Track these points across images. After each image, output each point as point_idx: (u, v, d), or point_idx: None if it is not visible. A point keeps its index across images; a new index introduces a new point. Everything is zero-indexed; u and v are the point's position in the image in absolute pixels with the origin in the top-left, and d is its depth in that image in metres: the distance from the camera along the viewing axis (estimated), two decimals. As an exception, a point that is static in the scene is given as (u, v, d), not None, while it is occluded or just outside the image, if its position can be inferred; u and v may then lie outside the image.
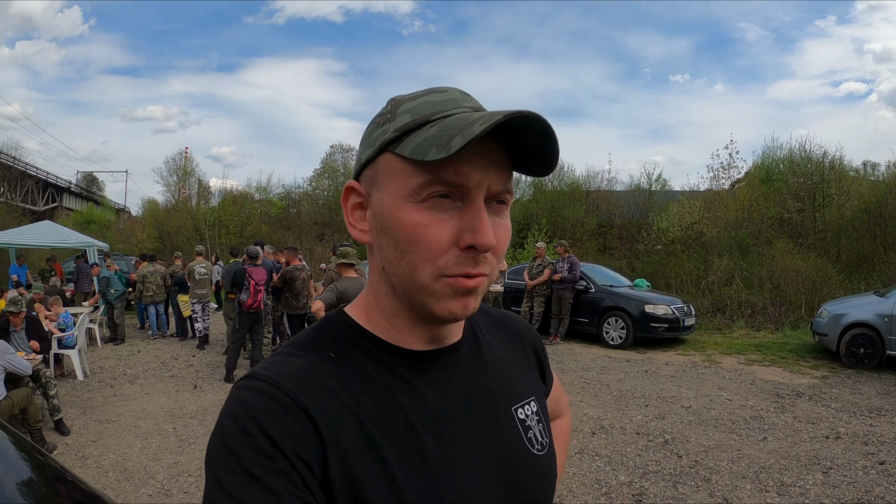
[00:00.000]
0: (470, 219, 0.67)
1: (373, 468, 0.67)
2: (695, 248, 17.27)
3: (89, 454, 5.44)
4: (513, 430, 0.81)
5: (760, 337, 11.81)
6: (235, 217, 27.93)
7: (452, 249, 0.68)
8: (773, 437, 5.81)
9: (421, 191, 0.67)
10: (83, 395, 7.49)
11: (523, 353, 0.95)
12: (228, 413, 0.66)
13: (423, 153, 0.65)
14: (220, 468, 0.62)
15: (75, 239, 13.79)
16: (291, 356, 0.73)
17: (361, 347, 0.76)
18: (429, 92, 0.73)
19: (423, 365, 0.77)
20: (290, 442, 0.63)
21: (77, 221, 30.32)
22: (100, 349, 10.67)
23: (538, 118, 0.64)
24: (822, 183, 17.61)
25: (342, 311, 0.81)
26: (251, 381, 0.69)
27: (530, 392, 0.89)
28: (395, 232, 0.69)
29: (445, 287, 0.69)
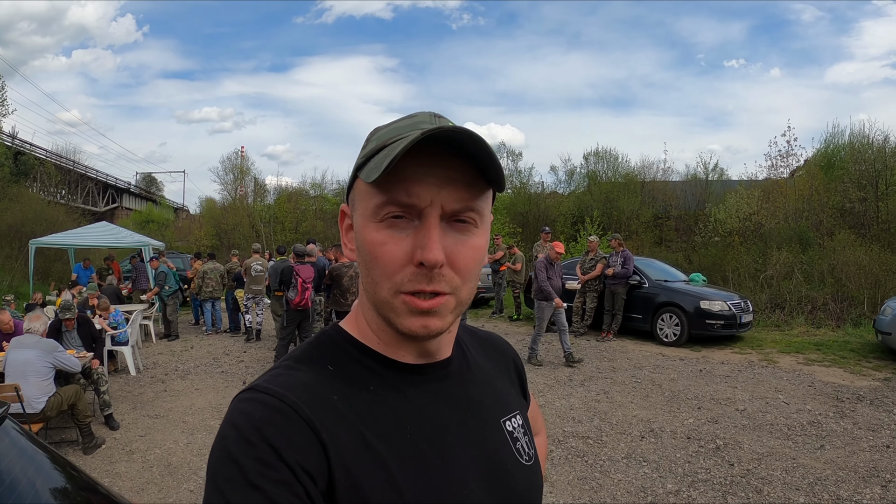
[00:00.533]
0: (421, 236, 0.69)
1: (377, 477, 0.69)
2: (753, 241, 16.67)
3: (136, 449, 5.58)
4: (502, 442, 0.85)
5: (821, 335, 11.28)
6: (291, 214, 28.42)
7: (408, 266, 0.70)
8: (830, 445, 5.51)
9: (378, 211, 0.71)
10: (135, 390, 7.71)
11: (506, 369, 1.00)
12: (231, 424, 0.67)
13: (368, 176, 0.69)
14: (222, 478, 0.63)
15: (130, 239, 14.25)
16: (291, 369, 0.76)
17: (358, 360, 0.79)
18: (401, 119, 0.77)
19: (417, 378, 0.80)
20: (293, 453, 0.64)
21: (136, 221, 31.44)
22: (154, 345, 11.00)
23: (461, 130, 0.66)
24: (885, 170, 16.65)
25: (337, 325, 0.85)
26: (254, 394, 0.71)
27: (515, 406, 0.93)
28: (361, 250, 0.75)
29: (402, 304, 0.72)
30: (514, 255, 13.91)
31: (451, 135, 0.66)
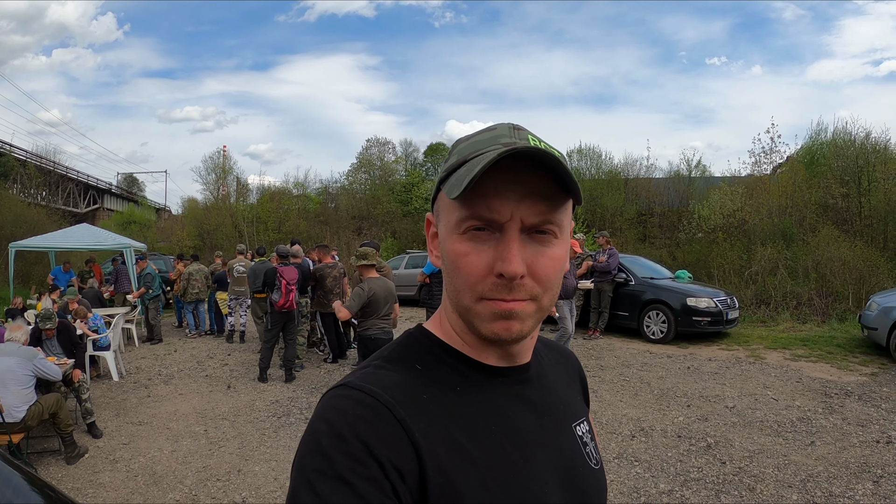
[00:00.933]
0: (501, 249, 0.72)
1: (468, 475, 0.70)
2: (737, 237, 16.75)
3: (120, 457, 5.46)
4: (574, 445, 0.88)
5: (806, 330, 11.36)
6: (274, 213, 28.20)
7: (490, 277, 0.73)
8: (821, 441, 5.52)
9: (460, 224, 0.74)
10: (117, 396, 7.56)
11: (573, 378, 1.04)
12: (323, 418, 0.70)
13: (450, 192, 0.72)
14: (311, 470, 0.65)
15: (112, 240, 14.01)
16: (381, 368, 0.79)
17: (444, 361, 0.81)
18: (481, 132, 0.79)
19: (501, 380, 0.82)
20: (385, 450, 0.66)
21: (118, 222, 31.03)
22: (136, 349, 10.82)
23: (537, 150, 0.68)
24: (868, 166, 16.80)
25: (422, 327, 0.88)
26: (348, 391, 0.73)
27: (582, 413, 0.96)
28: (445, 259, 0.78)
29: (485, 309, 0.74)
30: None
31: (527, 152, 0.69)
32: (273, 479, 4.93)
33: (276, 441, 5.83)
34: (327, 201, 32.13)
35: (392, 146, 35.50)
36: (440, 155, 35.20)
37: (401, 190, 29.47)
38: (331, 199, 32.40)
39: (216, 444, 5.76)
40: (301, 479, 0.65)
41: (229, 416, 6.68)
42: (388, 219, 27.64)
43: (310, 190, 32.42)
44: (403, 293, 13.15)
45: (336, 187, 33.30)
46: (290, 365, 8.39)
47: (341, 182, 33.56)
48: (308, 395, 7.49)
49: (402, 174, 32.18)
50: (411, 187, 29.13)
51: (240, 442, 5.82)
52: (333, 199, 32.36)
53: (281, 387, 7.93)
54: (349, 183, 33.15)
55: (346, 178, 33.63)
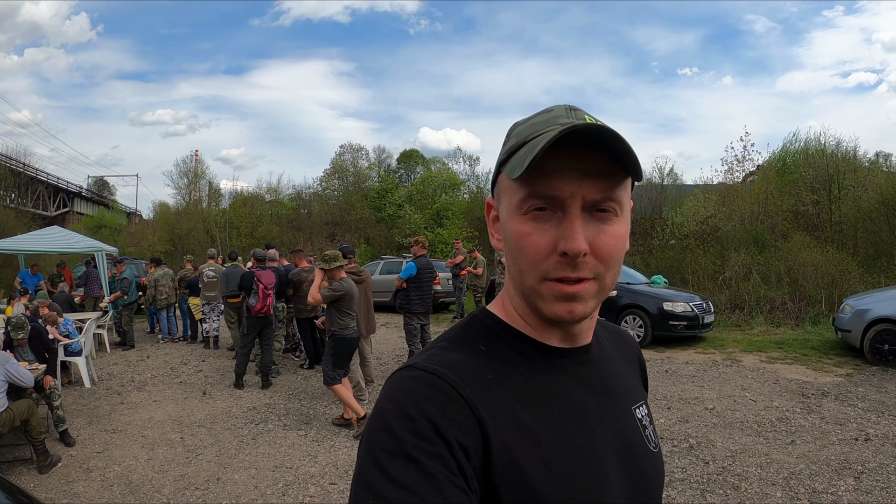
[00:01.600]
0: (564, 227, 0.72)
1: (532, 454, 0.71)
2: (710, 243, 16.98)
3: (94, 466, 5.30)
4: (634, 428, 0.88)
5: (781, 333, 11.52)
6: (246, 219, 27.94)
7: (553, 255, 0.73)
8: (801, 440, 5.58)
9: (522, 205, 0.75)
10: (90, 403, 7.37)
11: (632, 362, 1.03)
12: (390, 398, 0.71)
13: (511, 172, 0.72)
14: (379, 448, 0.66)
15: (83, 244, 13.68)
16: (446, 350, 0.79)
17: (507, 342, 0.82)
18: (538, 114, 0.80)
19: (563, 361, 0.83)
20: (452, 428, 0.67)
21: (88, 226, 30.37)
22: (108, 355, 10.57)
23: (597, 127, 0.69)
24: (838, 174, 17.23)
25: (485, 310, 0.88)
26: (414, 371, 0.74)
27: (640, 396, 0.96)
28: (508, 241, 0.78)
29: (548, 290, 0.75)
30: (474, 259, 13.85)
31: (587, 130, 0.69)
32: (253, 486, 4.82)
33: (254, 448, 5.71)
34: (300, 207, 31.95)
35: (365, 152, 35.49)
36: (413, 161, 35.25)
37: (374, 196, 29.40)
38: (304, 205, 32.24)
39: (193, 452, 5.63)
40: (368, 457, 0.66)
41: (206, 423, 6.54)
42: (362, 225, 27.56)
43: (283, 195, 32.23)
44: (378, 299, 13.04)
45: (309, 193, 33.18)
46: (267, 371, 8.25)
47: (314, 188, 33.44)
48: (285, 401, 7.37)
49: (376, 180, 32.12)
50: (385, 193, 29.06)
51: (217, 449, 5.69)
52: (306, 205, 32.21)
53: (258, 393, 7.79)
54: (322, 189, 33.02)
55: (319, 183, 33.52)
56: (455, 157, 33.22)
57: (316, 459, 5.41)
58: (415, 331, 8.34)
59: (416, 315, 8.34)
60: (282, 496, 4.65)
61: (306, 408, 7.01)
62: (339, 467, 5.20)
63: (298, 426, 6.32)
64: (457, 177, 30.21)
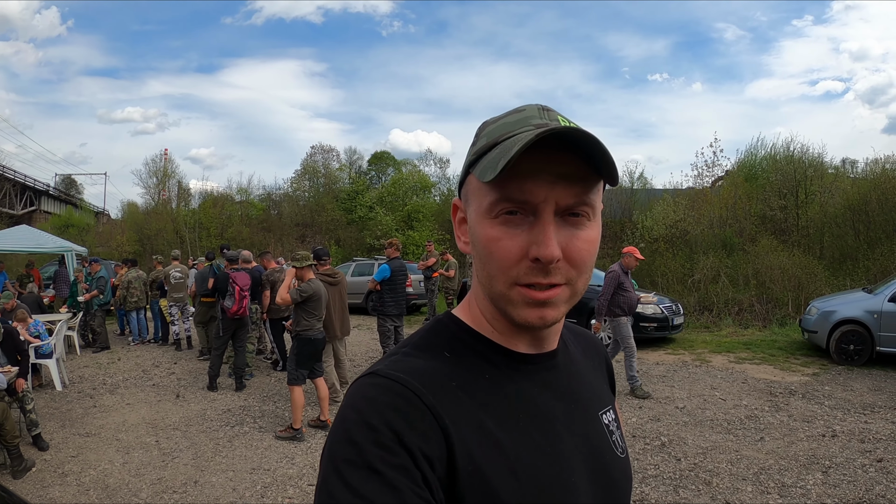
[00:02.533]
0: (537, 233, 0.70)
1: (497, 462, 0.70)
2: (679, 247, 17.28)
3: (69, 471, 5.22)
4: (601, 433, 0.86)
5: (749, 335, 11.80)
6: (216, 219, 27.63)
7: (524, 261, 0.71)
8: (769, 436, 5.75)
9: (492, 208, 0.72)
10: (62, 406, 7.25)
11: (599, 365, 1.02)
12: (352, 407, 0.69)
13: (483, 175, 0.70)
14: (341, 459, 0.64)
15: (52, 243, 13.45)
16: (410, 356, 0.78)
17: (473, 348, 0.80)
18: (509, 113, 0.78)
19: (529, 367, 0.81)
20: (415, 438, 0.65)
21: (56, 225, 29.72)
22: (79, 357, 10.40)
23: (574, 131, 0.67)
24: (805, 180, 17.70)
25: (451, 314, 0.86)
26: (376, 379, 0.72)
27: (608, 401, 0.94)
28: (476, 245, 0.76)
29: (519, 296, 0.73)
30: (446, 261, 13.88)
31: (563, 133, 0.67)
32: (231, 489, 4.80)
33: (231, 451, 5.68)
34: (270, 208, 31.69)
35: (336, 154, 35.38)
36: (384, 163, 35.22)
37: (345, 198, 29.31)
38: (274, 206, 31.97)
39: (169, 455, 5.58)
40: (331, 468, 0.64)
41: (180, 425, 6.49)
42: (333, 226, 27.44)
43: (253, 196, 31.97)
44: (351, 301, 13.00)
45: (279, 194, 32.93)
46: (241, 373, 8.18)
47: (285, 189, 33.22)
48: (260, 403, 7.34)
49: (347, 182, 32.02)
50: (356, 195, 29.00)
51: (194, 452, 5.65)
52: (277, 206, 31.94)
53: (232, 395, 7.74)
54: (293, 190, 32.81)
55: (289, 184, 33.31)
56: (426, 160, 33.31)
57: (293, 461, 5.41)
58: (388, 332, 8.36)
59: (390, 317, 8.36)
60: (260, 498, 4.64)
61: (281, 410, 6.98)
62: (317, 469, 5.17)
63: (274, 428, 6.30)
64: (428, 179, 30.26)
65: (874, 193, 15.67)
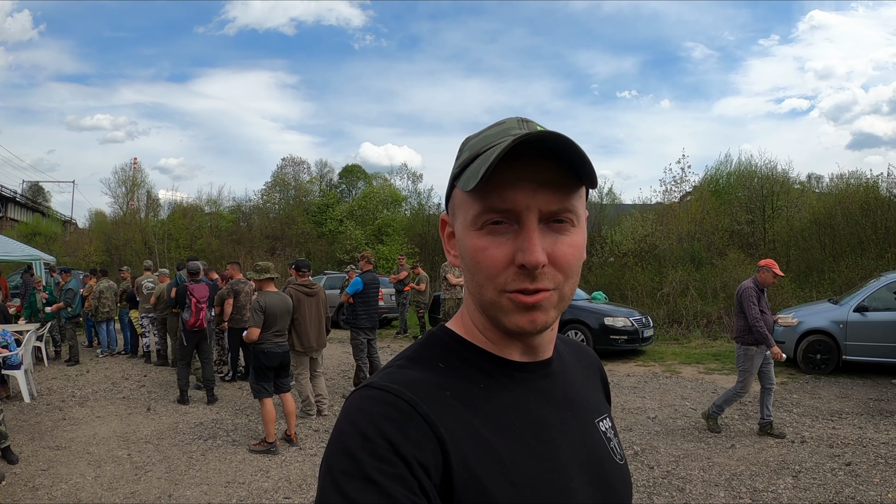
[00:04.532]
0: (522, 240, 0.72)
1: (493, 470, 0.71)
2: (648, 261, 17.55)
3: (40, 485, 5.11)
4: (599, 441, 0.87)
5: (717, 346, 12.03)
6: (185, 230, 27.31)
7: (510, 268, 0.73)
8: (740, 444, 5.89)
9: (477, 219, 0.74)
10: (30, 419, 7.10)
11: (594, 376, 1.03)
12: (347, 419, 0.70)
13: (464, 185, 0.72)
14: (338, 471, 0.65)
15: (20, 251, 13.17)
16: (404, 368, 0.79)
17: (467, 358, 0.81)
18: (490, 126, 0.80)
19: (524, 375, 0.82)
20: (410, 447, 0.66)
21: (22, 233, 29.07)
22: (46, 369, 10.19)
23: (551, 135, 0.69)
24: (772, 195, 18.16)
25: (444, 326, 0.87)
26: (370, 391, 0.73)
27: (603, 410, 0.96)
28: (465, 256, 0.77)
29: (508, 302, 0.74)
30: (418, 275, 13.87)
31: (541, 139, 0.69)
32: (206, 502, 4.76)
33: (204, 464, 5.61)
34: (240, 220, 31.44)
35: (307, 166, 35.24)
36: (355, 176, 35.22)
37: (315, 211, 29.21)
38: (244, 218, 31.73)
39: (142, 469, 5.49)
40: (329, 480, 0.65)
41: (152, 439, 6.39)
42: (303, 239, 27.33)
43: (223, 207, 31.69)
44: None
45: (250, 206, 32.69)
46: (211, 385, 8.09)
47: (255, 201, 32.98)
48: (232, 416, 7.26)
49: (317, 195, 31.92)
50: (326, 208, 28.92)
51: (167, 466, 5.57)
52: (247, 218, 31.71)
53: (203, 408, 7.65)
54: (263, 202, 32.60)
55: (260, 196, 33.08)
56: (400, 173, 33.39)
57: (268, 474, 5.37)
58: (362, 345, 8.34)
59: (363, 330, 8.34)
60: (237, 510, 4.61)
61: (254, 423, 6.92)
62: (291, 482, 5.18)
63: (248, 441, 6.25)
64: (398, 193, 30.32)
65: (839, 208, 16.14)
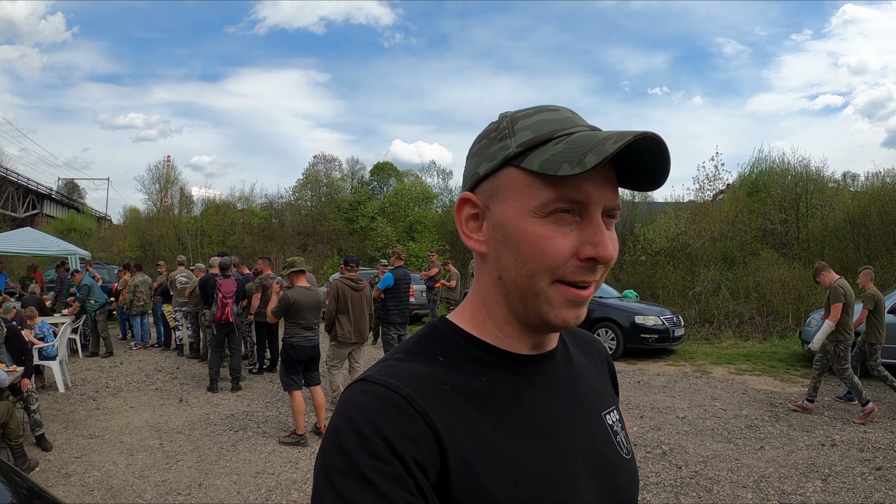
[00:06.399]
0: (591, 233, 0.71)
1: (492, 467, 0.69)
2: (680, 259, 17.33)
3: (73, 471, 5.25)
4: (605, 434, 0.85)
5: (749, 346, 11.84)
6: (218, 226, 27.69)
7: (572, 260, 0.71)
8: (769, 445, 5.79)
9: (545, 207, 0.71)
10: (65, 408, 7.29)
11: (601, 366, 0.99)
12: (343, 415, 0.68)
13: (555, 168, 0.68)
14: (333, 470, 0.63)
15: (56, 246, 13.48)
16: (402, 361, 0.76)
17: (468, 351, 0.78)
18: (542, 110, 0.77)
19: (529, 368, 0.80)
20: (406, 445, 0.64)
21: (58, 229, 29.75)
22: (80, 360, 10.45)
23: (659, 139, 0.68)
24: (806, 194, 17.80)
25: (445, 319, 0.84)
26: (367, 385, 0.70)
27: (611, 401, 0.93)
28: (519, 243, 0.73)
29: (560, 295, 0.73)
30: (448, 272, 13.90)
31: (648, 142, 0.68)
32: (236, 492, 4.83)
33: (235, 455, 5.71)
34: (272, 216, 31.75)
35: (339, 163, 35.51)
36: (386, 173, 35.37)
37: (347, 208, 29.38)
38: (276, 215, 32.02)
39: (173, 458, 5.60)
40: (324, 479, 0.64)
41: (184, 429, 6.52)
42: (334, 236, 27.47)
43: (255, 204, 32.01)
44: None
45: (281, 203, 32.99)
46: (236, 374, 8.50)
47: (287, 198, 33.29)
48: (263, 408, 7.37)
49: (349, 192, 32.11)
50: (357, 205, 29.07)
51: (198, 456, 5.68)
52: (278, 215, 32.00)
53: (235, 401, 7.77)
54: (295, 199, 32.89)
55: (291, 193, 33.39)
56: (429, 171, 33.46)
57: (297, 466, 5.43)
58: (392, 341, 8.40)
59: (394, 325, 8.40)
60: (265, 502, 4.66)
61: (284, 415, 7.01)
62: (320, 472, 5.23)
63: (277, 433, 6.33)
64: (430, 190, 30.36)
65: (874, 207, 15.74)
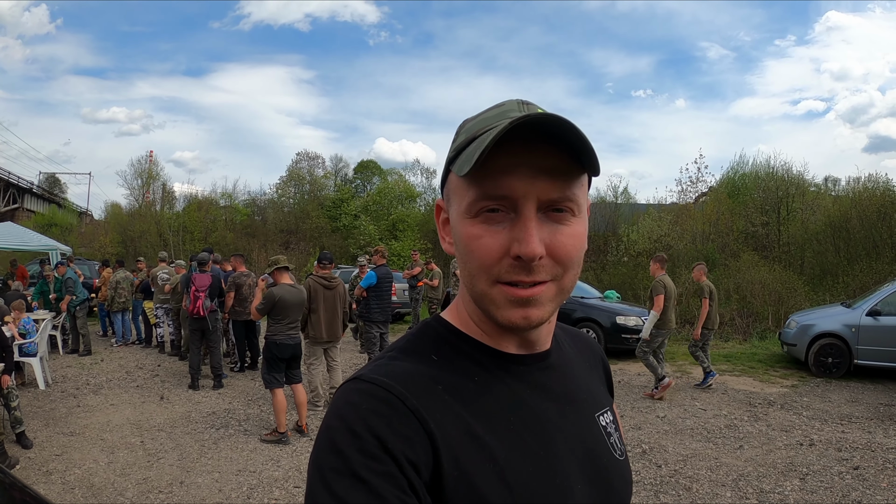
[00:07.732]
0: (518, 230, 0.68)
1: (484, 467, 0.68)
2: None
3: (54, 469, 5.21)
4: (598, 436, 0.84)
5: (729, 347, 11.97)
6: (200, 223, 27.53)
7: (506, 259, 0.69)
8: (748, 445, 5.87)
9: (472, 206, 0.70)
10: (45, 405, 7.22)
11: (595, 366, 0.99)
12: (336, 414, 0.67)
13: (460, 169, 0.69)
14: (327, 468, 0.63)
15: (37, 242, 13.33)
16: (395, 360, 0.76)
17: (461, 350, 0.78)
18: (489, 109, 0.76)
19: (521, 368, 0.79)
20: (399, 444, 0.64)
21: (39, 224, 29.45)
22: (61, 357, 10.34)
23: (551, 118, 0.65)
24: (787, 197, 18.04)
25: (439, 317, 0.84)
26: (359, 384, 0.70)
27: (605, 402, 0.92)
28: (458, 244, 0.74)
29: (501, 295, 0.71)
30: (431, 270, 13.88)
31: (541, 121, 0.65)
32: (217, 490, 4.81)
33: (216, 453, 5.68)
34: (255, 214, 31.63)
35: (322, 161, 35.45)
36: (369, 171, 35.29)
37: (330, 206, 29.32)
38: (258, 212, 31.93)
39: (154, 456, 5.57)
40: (317, 477, 0.63)
41: (165, 427, 6.48)
42: (317, 234, 27.47)
43: (237, 201, 31.88)
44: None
45: (264, 200, 32.90)
46: (218, 372, 8.49)
47: (270, 195, 33.18)
48: (244, 406, 7.34)
49: (332, 190, 32.06)
50: (341, 203, 29.02)
51: (179, 453, 5.65)
52: (261, 212, 31.91)
53: (216, 398, 7.74)
54: (278, 196, 32.78)
55: (274, 191, 33.28)
56: (413, 170, 33.47)
57: (279, 464, 5.43)
58: (374, 339, 8.41)
59: (376, 323, 8.41)
60: (246, 499, 4.65)
61: (265, 413, 6.99)
62: (302, 471, 5.22)
63: (259, 431, 6.32)
64: (413, 189, 30.38)
65: (854, 211, 16.00)
